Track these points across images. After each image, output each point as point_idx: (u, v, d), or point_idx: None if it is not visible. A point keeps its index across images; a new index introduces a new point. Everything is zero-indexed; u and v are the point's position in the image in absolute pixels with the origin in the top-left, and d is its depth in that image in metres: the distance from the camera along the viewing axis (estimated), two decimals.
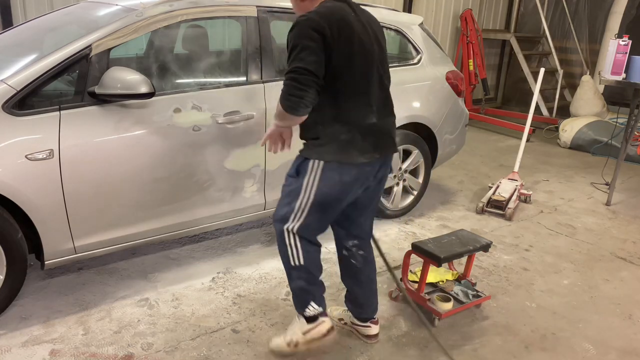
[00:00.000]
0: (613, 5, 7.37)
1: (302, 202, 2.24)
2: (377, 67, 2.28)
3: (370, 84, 2.25)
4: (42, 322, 2.65)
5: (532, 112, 4.98)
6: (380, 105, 2.31)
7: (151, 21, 2.80)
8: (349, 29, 2.14)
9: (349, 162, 2.22)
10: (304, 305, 2.36)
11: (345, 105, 2.21)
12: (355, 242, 2.51)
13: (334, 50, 2.09)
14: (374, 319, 2.62)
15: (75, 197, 2.57)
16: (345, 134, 2.21)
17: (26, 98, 2.47)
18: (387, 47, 2.50)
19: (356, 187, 2.29)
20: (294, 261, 2.30)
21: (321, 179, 2.22)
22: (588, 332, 2.80)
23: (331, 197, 2.25)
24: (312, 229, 2.30)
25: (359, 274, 2.54)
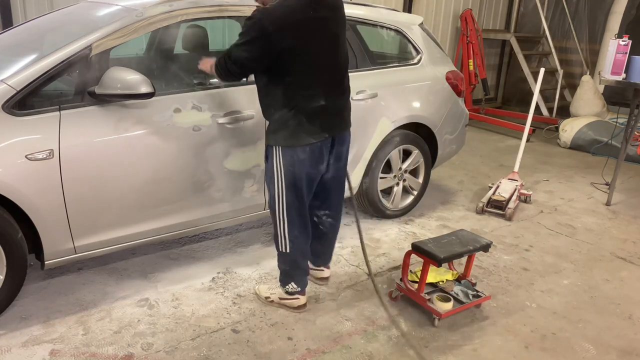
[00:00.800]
0: (613, 5, 7.36)
1: (278, 185, 2.59)
2: (330, 55, 2.51)
3: (319, 72, 2.48)
4: (42, 322, 2.65)
5: (532, 112, 4.98)
6: (330, 89, 2.55)
7: (151, 21, 2.80)
8: (302, 28, 2.36)
9: (301, 144, 2.50)
10: (285, 283, 2.81)
11: (293, 93, 2.47)
12: (326, 212, 2.88)
13: (278, 49, 2.33)
14: (326, 266, 3.08)
15: (75, 197, 2.57)
16: (292, 119, 2.48)
17: (26, 98, 2.47)
18: (387, 47, 2.57)
19: (314, 162, 2.57)
20: (282, 248, 2.72)
21: (283, 161, 2.54)
22: (588, 332, 2.80)
23: (297, 175, 2.56)
24: (295, 207, 2.63)
25: (324, 236, 2.96)
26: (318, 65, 2.48)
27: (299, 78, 2.45)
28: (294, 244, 2.70)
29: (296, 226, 2.67)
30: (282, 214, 2.65)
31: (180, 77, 3.15)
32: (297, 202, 2.63)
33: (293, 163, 2.53)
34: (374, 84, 3.64)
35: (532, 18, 8.72)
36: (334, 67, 2.57)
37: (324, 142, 2.57)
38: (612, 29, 7.18)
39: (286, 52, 2.36)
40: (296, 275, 2.78)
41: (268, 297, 2.87)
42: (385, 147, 3.76)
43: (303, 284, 2.82)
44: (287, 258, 2.74)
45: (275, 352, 2.52)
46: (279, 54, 2.37)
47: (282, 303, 2.83)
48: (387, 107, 3.69)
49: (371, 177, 3.78)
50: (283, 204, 2.62)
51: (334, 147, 2.65)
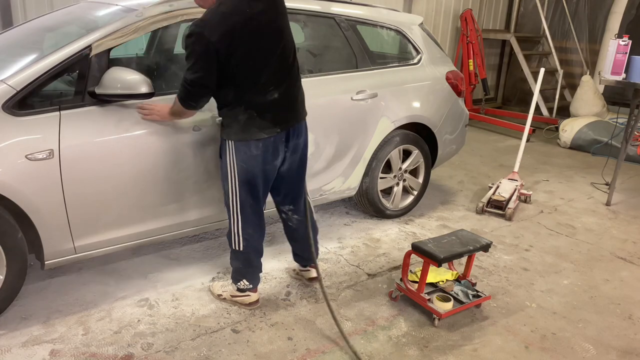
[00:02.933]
0: (613, 5, 7.36)
1: (231, 181, 2.58)
2: (274, 47, 2.47)
3: (267, 67, 2.46)
4: (42, 322, 2.65)
5: (532, 112, 4.98)
6: (280, 80, 2.52)
7: (151, 21, 2.79)
8: (241, 29, 2.35)
9: (253, 139, 2.50)
10: (237, 280, 2.81)
11: (243, 90, 2.46)
12: (290, 207, 2.86)
13: (225, 56, 2.34)
14: (312, 265, 3.04)
15: (75, 197, 2.57)
16: (242, 114, 2.48)
17: (26, 98, 2.47)
18: (387, 47, 2.56)
19: (268, 157, 2.56)
20: (235, 245, 2.72)
21: (236, 156, 2.54)
22: (588, 332, 2.80)
23: (250, 171, 2.55)
24: (249, 204, 2.62)
25: (294, 233, 2.95)
26: (264, 60, 2.44)
27: (246, 75, 2.44)
28: (247, 241, 2.69)
29: (250, 224, 2.66)
30: (235, 211, 2.63)
31: (180, 77, 3.14)
32: (251, 199, 2.61)
33: (246, 159, 2.52)
34: (374, 84, 3.64)
35: (532, 18, 8.72)
36: (281, 57, 2.50)
37: (277, 137, 2.54)
38: (612, 29, 7.18)
39: (232, 56, 2.36)
40: (248, 273, 2.79)
41: (220, 295, 2.89)
42: (385, 147, 3.76)
43: (255, 281, 2.83)
44: (240, 256, 2.74)
45: (275, 352, 2.52)
46: (225, 59, 2.35)
47: (234, 300, 2.84)
48: (387, 107, 3.70)
49: (371, 177, 3.78)
50: (236, 201, 2.60)
51: (289, 140, 2.62)
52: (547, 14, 8.38)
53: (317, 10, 3.51)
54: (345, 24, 3.62)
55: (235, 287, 2.83)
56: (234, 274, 2.82)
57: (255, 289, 2.84)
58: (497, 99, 9.32)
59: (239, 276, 2.80)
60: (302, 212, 2.87)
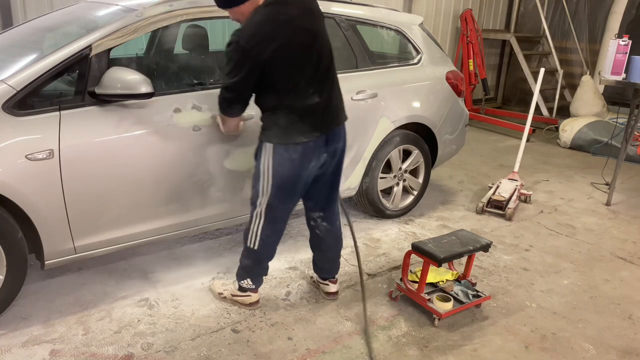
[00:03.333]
0: (613, 5, 7.36)
1: (264, 182, 2.55)
2: (314, 54, 2.47)
3: (305, 72, 2.46)
4: (42, 322, 2.65)
5: (532, 112, 4.98)
6: (319, 84, 2.51)
7: (151, 21, 2.79)
8: (281, 36, 2.36)
9: (292, 143, 2.48)
10: (241, 278, 2.80)
11: (283, 94, 2.46)
12: (320, 214, 2.81)
13: (262, 63, 2.35)
14: (332, 279, 2.97)
15: (75, 197, 2.57)
16: (284, 119, 2.48)
17: (26, 98, 2.47)
18: (387, 47, 2.56)
19: (306, 162, 2.53)
20: (250, 243, 2.69)
21: (273, 159, 2.51)
22: (588, 332, 2.80)
23: (286, 175, 2.52)
24: (277, 209, 2.61)
25: (321, 243, 2.88)
26: (301, 64, 2.45)
27: (285, 80, 2.44)
28: (264, 242, 2.67)
29: (271, 226, 2.65)
30: (260, 212, 2.61)
31: (180, 77, 3.15)
32: (280, 203, 2.60)
33: (282, 162, 2.50)
34: (374, 84, 3.64)
35: (532, 18, 8.72)
36: (318, 61, 2.50)
37: (316, 141, 2.52)
38: (612, 29, 7.18)
39: (269, 63, 2.37)
40: (254, 274, 2.78)
41: (221, 293, 2.89)
42: (385, 147, 3.77)
43: (258, 283, 2.82)
44: (253, 254, 2.72)
45: (275, 352, 2.52)
46: (263, 67, 2.38)
47: (235, 299, 2.84)
48: (387, 107, 3.70)
49: (371, 177, 3.78)
50: (265, 202, 2.58)
51: (328, 144, 2.59)
52: (547, 14, 8.38)
53: None
54: (345, 24, 3.62)
55: (237, 286, 2.82)
56: (240, 271, 2.80)
57: (257, 290, 2.84)
58: (497, 99, 9.32)
59: (245, 274, 2.78)
60: (333, 221, 2.84)
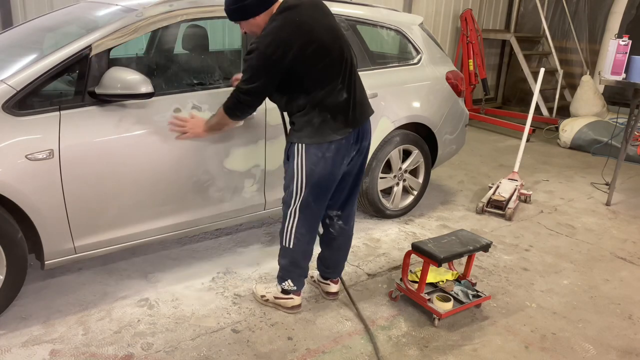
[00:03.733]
0: (613, 5, 7.37)
1: (298, 182, 2.55)
2: (335, 49, 2.50)
3: (330, 68, 2.48)
4: (42, 322, 2.65)
5: (532, 112, 4.98)
6: (346, 81, 2.53)
7: (151, 21, 2.79)
8: (301, 37, 2.39)
9: (326, 141, 2.48)
10: (282, 279, 2.79)
11: (313, 93, 2.47)
12: (338, 212, 2.80)
13: (289, 65, 2.38)
14: (334, 279, 2.97)
15: (75, 197, 2.57)
16: (317, 118, 2.48)
17: (26, 98, 2.47)
18: (387, 47, 2.56)
19: (339, 159, 2.54)
20: (285, 242, 2.69)
21: (307, 159, 2.51)
22: (588, 332, 2.80)
23: (320, 174, 2.53)
24: (311, 206, 2.60)
25: (333, 241, 2.87)
26: (327, 61, 2.47)
27: (314, 79, 2.46)
28: (298, 240, 2.66)
29: (305, 225, 2.64)
30: (294, 210, 2.61)
31: (180, 77, 3.15)
32: (314, 202, 2.60)
33: (316, 162, 2.50)
34: (374, 84, 3.64)
35: (532, 18, 8.72)
36: (340, 56, 2.52)
37: (347, 138, 2.53)
38: (612, 29, 7.18)
39: (294, 65, 2.40)
40: (294, 273, 2.76)
41: (264, 296, 2.88)
42: (385, 147, 3.77)
43: (300, 284, 2.80)
44: (288, 253, 2.71)
45: (275, 352, 2.52)
46: (287, 71, 2.41)
47: (277, 302, 2.83)
48: (387, 107, 3.69)
49: (371, 177, 3.78)
50: (299, 201, 2.58)
51: (358, 142, 2.60)
52: (547, 14, 8.38)
53: None
54: (345, 24, 3.62)
55: (280, 289, 2.81)
56: (281, 273, 2.79)
57: (299, 293, 2.82)
58: (497, 99, 9.32)
59: (285, 275, 2.77)
60: (349, 221, 2.83)
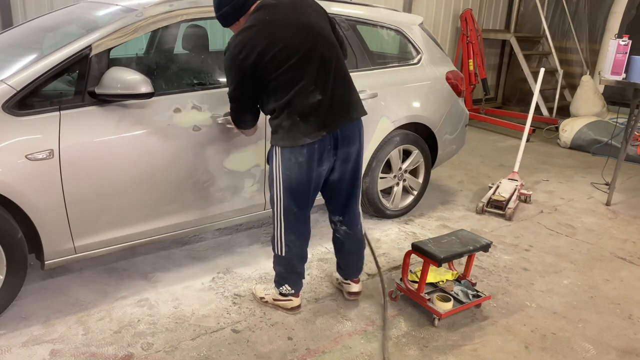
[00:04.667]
0: (613, 5, 7.36)
1: (276, 187, 2.57)
2: (309, 49, 2.41)
3: (302, 69, 2.41)
4: (42, 322, 2.65)
5: (532, 112, 4.98)
6: (322, 83, 2.45)
7: (151, 21, 2.79)
8: (266, 37, 2.35)
9: (297, 145, 2.45)
10: (279, 284, 2.81)
11: (283, 95, 2.44)
12: (340, 218, 2.79)
13: (255, 65, 2.36)
14: (355, 279, 2.96)
15: (75, 197, 2.57)
16: (286, 121, 2.45)
17: (26, 98, 2.47)
18: (387, 47, 2.55)
19: (314, 165, 2.50)
20: (277, 250, 2.72)
21: (282, 163, 2.51)
22: (588, 332, 2.80)
23: (294, 179, 2.51)
24: (293, 211, 2.60)
25: (341, 246, 2.88)
26: (296, 62, 2.38)
27: (281, 80, 2.40)
28: (289, 248, 2.67)
29: (293, 231, 2.64)
30: (279, 218, 2.62)
31: (180, 77, 3.15)
32: (295, 207, 2.58)
33: (290, 166, 2.48)
34: (374, 84, 3.64)
35: (532, 18, 8.72)
36: (317, 56, 2.42)
37: (322, 142, 2.46)
38: (612, 29, 7.18)
39: (259, 65, 2.36)
40: (291, 279, 2.77)
41: (263, 298, 2.88)
42: (385, 147, 3.76)
43: (297, 286, 2.81)
44: (282, 261, 2.73)
45: (275, 352, 2.52)
46: (254, 70, 2.38)
47: (276, 304, 2.83)
48: (387, 107, 3.70)
49: (371, 177, 3.78)
50: (280, 207, 2.59)
51: (337, 147, 2.53)
52: (547, 14, 8.38)
53: None
54: (345, 24, 3.62)
55: (278, 292, 2.82)
56: (277, 278, 2.80)
57: (298, 294, 2.82)
58: (497, 99, 9.32)
59: (282, 280, 2.78)
60: (353, 225, 2.80)
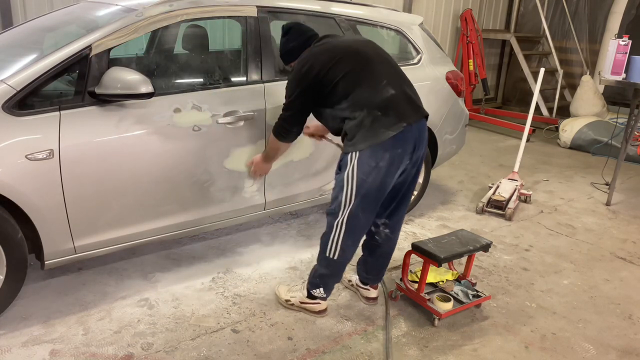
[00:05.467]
0: (613, 5, 7.37)
1: (346, 194, 2.51)
2: (377, 54, 2.61)
3: (373, 68, 2.52)
4: (42, 322, 2.65)
5: (532, 112, 4.98)
6: (391, 77, 2.54)
7: (151, 21, 2.79)
8: (333, 54, 2.53)
9: (380, 142, 2.42)
10: (314, 286, 2.74)
11: (357, 96, 2.47)
12: (385, 221, 2.74)
13: (322, 74, 2.49)
14: (374, 285, 2.93)
15: (75, 197, 2.57)
16: (367, 117, 2.44)
17: (26, 98, 2.47)
18: (387, 47, 2.62)
19: (393, 170, 2.48)
20: (329, 253, 2.62)
21: (359, 169, 2.46)
22: (588, 332, 2.80)
23: (371, 184, 2.47)
24: (359, 218, 2.55)
25: (377, 248, 2.82)
26: (363, 60, 2.53)
27: (353, 79, 2.49)
28: (344, 252, 2.61)
29: (352, 237, 2.59)
30: (342, 221, 2.55)
31: (180, 77, 3.15)
32: (362, 214, 2.54)
33: (369, 172, 2.44)
34: None
35: (532, 18, 8.72)
36: (381, 58, 2.60)
37: (404, 147, 2.46)
38: (612, 29, 7.18)
39: (327, 72, 2.49)
40: (330, 282, 2.73)
41: (288, 300, 2.83)
42: None
43: (330, 290, 2.77)
44: (332, 264, 2.65)
45: (275, 352, 2.52)
46: (323, 80, 2.50)
47: (303, 307, 2.79)
48: None
49: None
50: (347, 212, 2.52)
51: (415, 150, 2.53)
52: (547, 14, 8.39)
53: (317, 10, 3.51)
54: (346, 24, 3.62)
55: (306, 294, 2.77)
56: (314, 280, 2.73)
57: (325, 299, 2.79)
58: (497, 99, 9.32)
59: (319, 283, 2.72)
60: (396, 230, 2.78)
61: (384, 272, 2.92)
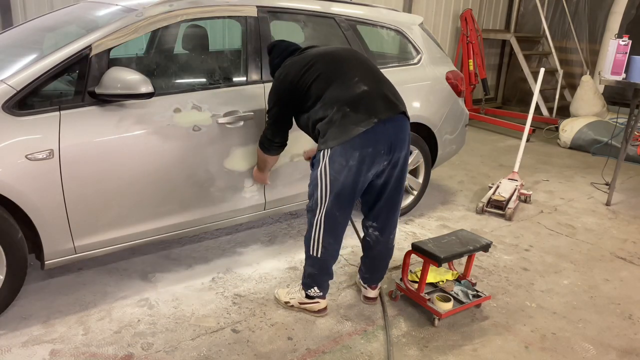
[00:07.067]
0: (613, 5, 7.37)
1: (321, 191, 2.53)
2: (352, 54, 2.69)
3: (348, 66, 2.57)
4: (42, 322, 2.65)
5: (532, 112, 4.98)
6: (366, 76, 2.56)
7: (151, 21, 2.80)
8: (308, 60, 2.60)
9: (350, 139, 2.42)
10: (308, 286, 2.76)
11: (328, 95, 2.51)
12: (372, 223, 2.76)
13: (296, 80, 2.57)
14: (373, 286, 2.92)
15: (75, 197, 2.57)
16: (337, 114, 2.47)
17: (26, 98, 2.47)
18: (387, 47, 2.61)
19: (364, 169, 2.49)
20: (312, 252, 2.66)
21: (330, 167, 2.48)
22: (588, 332, 2.80)
23: (343, 183, 2.49)
24: (335, 216, 2.57)
25: (370, 250, 2.84)
26: (337, 61, 2.59)
27: (326, 76, 2.54)
28: (326, 249, 2.63)
29: (332, 234, 2.62)
30: (320, 220, 2.57)
31: (180, 77, 3.15)
32: (338, 212, 2.57)
33: (340, 170, 2.46)
34: None
35: (532, 18, 8.73)
36: (357, 59, 2.65)
37: (375, 148, 2.46)
38: (612, 29, 7.18)
39: (300, 77, 2.57)
40: (321, 280, 2.74)
41: (288, 302, 2.84)
42: None
43: (325, 289, 2.78)
44: (317, 262, 2.68)
45: (275, 352, 2.52)
46: (297, 86, 2.58)
47: (303, 307, 2.80)
48: None
49: None
50: (323, 210, 2.55)
51: (392, 152, 2.53)
52: (547, 14, 8.39)
53: (317, 10, 3.51)
54: (345, 24, 3.62)
55: (304, 294, 2.79)
56: (306, 280, 2.76)
57: (325, 296, 2.80)
58: (497, 99, 9.32)
59: (312, 282, 2.74)
60: (385, 233, 2.77)
61: (382, 275, 2.92)
